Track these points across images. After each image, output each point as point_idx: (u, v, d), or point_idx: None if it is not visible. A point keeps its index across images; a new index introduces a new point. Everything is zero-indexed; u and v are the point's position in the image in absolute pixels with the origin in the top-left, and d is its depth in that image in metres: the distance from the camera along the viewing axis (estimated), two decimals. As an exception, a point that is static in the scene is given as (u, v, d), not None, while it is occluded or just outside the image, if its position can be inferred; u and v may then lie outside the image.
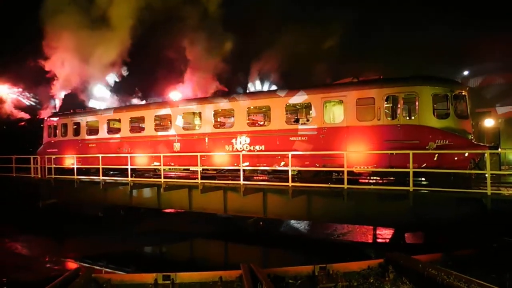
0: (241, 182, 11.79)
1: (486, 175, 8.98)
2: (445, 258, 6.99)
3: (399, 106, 11.21)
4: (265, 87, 32.60)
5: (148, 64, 38.84)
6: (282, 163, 12.62)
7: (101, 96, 31.97)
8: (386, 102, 11.39)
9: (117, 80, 31.33)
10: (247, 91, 30.43)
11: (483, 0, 34.94)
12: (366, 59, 32.38)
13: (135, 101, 34.12)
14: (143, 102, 32.63)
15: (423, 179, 11.46)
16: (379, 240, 14.39)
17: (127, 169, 14.43)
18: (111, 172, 17.42)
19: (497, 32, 28.00)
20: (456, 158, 10.47)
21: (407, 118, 11.47)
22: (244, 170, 12.25)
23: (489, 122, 17.45)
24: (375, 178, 12.81)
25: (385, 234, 14.68)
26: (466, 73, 32.74)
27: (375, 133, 11.30)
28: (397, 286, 5.76)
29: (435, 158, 10.38)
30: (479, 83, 30.69)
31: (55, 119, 19.88)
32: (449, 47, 33.24)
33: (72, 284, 5.54)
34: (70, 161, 17.64)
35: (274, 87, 28.51)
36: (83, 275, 6.07)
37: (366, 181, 12.57)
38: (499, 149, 14.74)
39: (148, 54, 38.40)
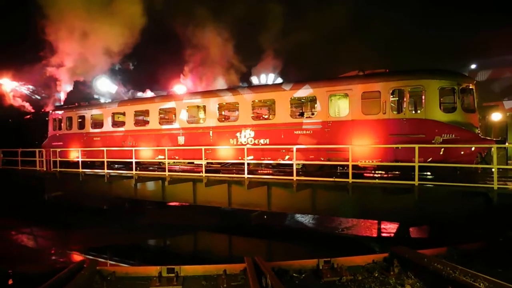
0: (246, 175, 11.76)
1: (493, 169, 8.91)
2: (450, 252, 6.93)
3: (405, 99, 11.09)
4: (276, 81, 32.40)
5: (155, 57, 38.58)
6: (287, 157, 12.58)
7: (106, 89, 31.91)
8: (392, 96, 11.28)
9: (124, 70, 30.98)
10: (253, 84, 30.31)
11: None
12: (372, 53, 32.14)
13: (141, 94, 34.17)
14: (148, 94, 32.61)
15: (428, 173, 11.38)
16: (383, 234, 14.35)
17: (131, 162, 14.47)
18: (116, 165, 17.48)
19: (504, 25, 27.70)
20: (462, 152, 10.38)
21: (413, 111, 11.37)
22: (248, 164, 12.23)
23: (496, 116, 17.21)
24: (380, 172, 12.75)
25: (389, 228, 14.64)
26: (473, 66, 32.42)
27: (380, 127, 11.22)
28: (402, 280, 5.71)
29: (441, 152, 10.29)
30: (486, 76, 30.38)
31: (60, 112, 19.96)
32: (456, 41, 32.93)
33: (76, 276, 5.56)
34: (75, 154, 17.73)
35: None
36: (87, 267, 6.09)
37: (371, 175, 12.50)
38: (506, 144, 14.58)
39: (156, 45, 38.02)
